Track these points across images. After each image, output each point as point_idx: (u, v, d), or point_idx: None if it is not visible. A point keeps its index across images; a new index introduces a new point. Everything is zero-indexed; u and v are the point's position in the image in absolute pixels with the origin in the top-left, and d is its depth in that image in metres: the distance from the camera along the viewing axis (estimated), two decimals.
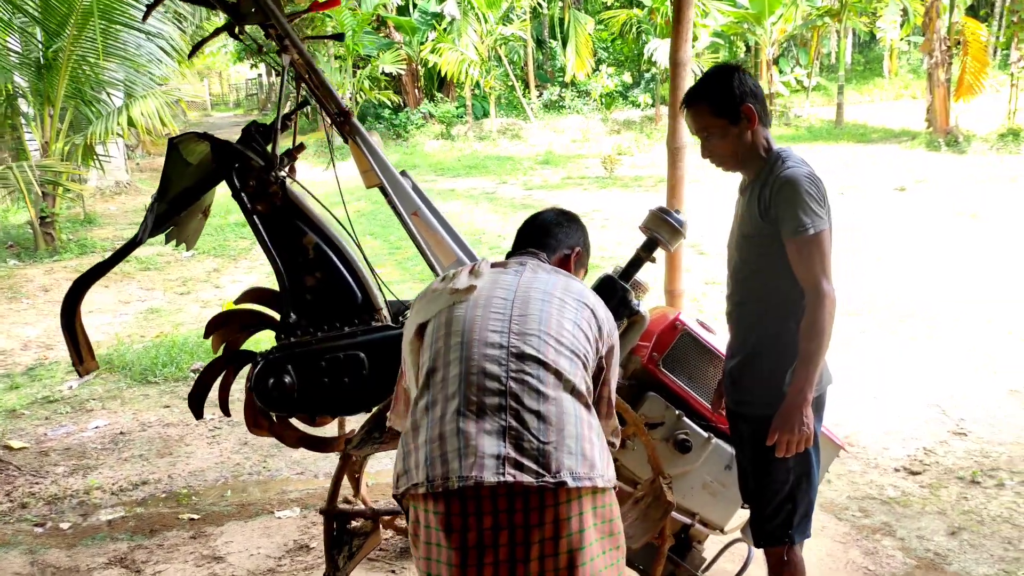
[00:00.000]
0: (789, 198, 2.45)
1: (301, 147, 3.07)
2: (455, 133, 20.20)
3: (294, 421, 2.88)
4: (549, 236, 2.30)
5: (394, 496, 1.86)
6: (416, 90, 22.09)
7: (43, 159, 10.05)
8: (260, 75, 36.75)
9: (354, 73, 18.45)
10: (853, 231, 9.64)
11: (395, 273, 9.09)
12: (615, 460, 3.02)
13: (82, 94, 10.24)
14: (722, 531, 3.17)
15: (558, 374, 1.84)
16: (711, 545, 3.24)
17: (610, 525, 1.85)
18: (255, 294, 2.84)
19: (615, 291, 2.98)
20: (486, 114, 21.35)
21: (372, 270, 2.97)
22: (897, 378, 5.59)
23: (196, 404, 2.76)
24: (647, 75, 22.72)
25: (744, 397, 2.72)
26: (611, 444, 2.21)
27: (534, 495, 1.71)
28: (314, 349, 2.63)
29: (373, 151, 2.90)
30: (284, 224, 2.65)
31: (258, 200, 2.62)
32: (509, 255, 2.28)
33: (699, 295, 7.70)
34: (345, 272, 2.69)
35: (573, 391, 1.85)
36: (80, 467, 4.96)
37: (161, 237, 3.05)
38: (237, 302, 2.83)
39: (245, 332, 2.96)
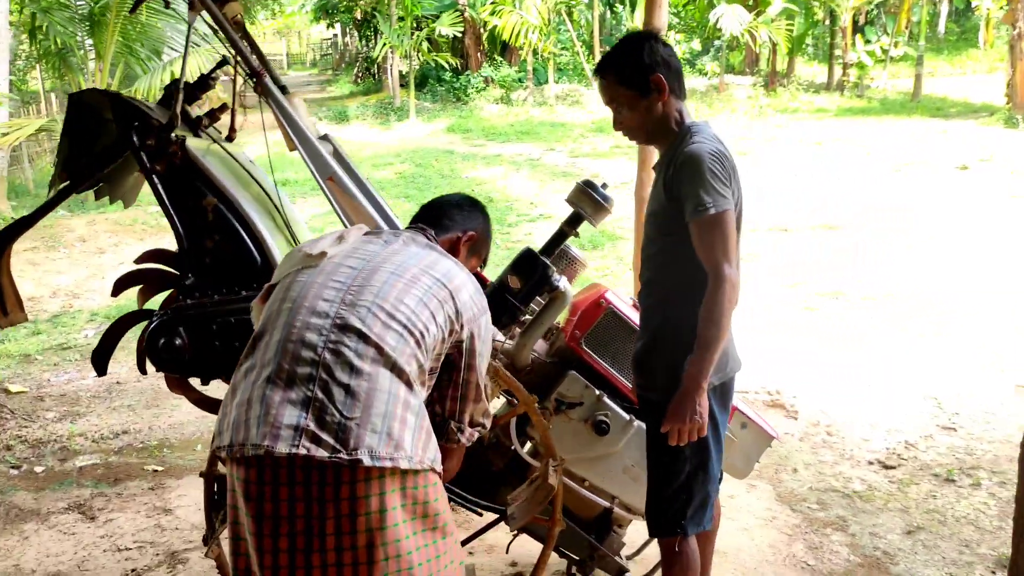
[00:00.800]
0: (690, 176, 2.32)
1: (224, 107, 3.06)
2: (514, 98, 20.01)
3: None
4: (444, 216, 2.25)
5: (214, 456, 1.86)
6: (479, 53, 21.93)
7: None
8: (335, 35, 37.15)
9: (412, 34, 18.40)
10: (897, 212, 9.23)
11: None
12: (531, 438, 2.99)
13: (132, 50, 10.47)
14: (643, 517, 3.08)
15: (379, 349, 1.77)
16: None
17: (424, 507, 1.79)
18: (154, 255, 2.84)
19: (536, 266, 2.90)
20: (555, 80, 21.13)
21: (292, 234, 2.95)
22: (898, 371, 5.31)
23: (99, 360, 2.79)
24: (717, 43, 22.08)
25: (645, 381, 2.63)
26: (481, 426, 2.17)
27: (330, 470, 1.66)
28: (207, 311, 2.63)
29: (287, 114, 2.87)
30: (183, 185, 2.63)
31: (157, 159, 2.60)
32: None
33: None
34: (245, 236, 2.67)
35: (394, 368, 1.78)
36: (70, 413, 5.13)
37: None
38: (137, 262, 2.83)
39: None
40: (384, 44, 18.89)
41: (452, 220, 2.26)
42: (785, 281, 7.15)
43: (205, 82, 2.96)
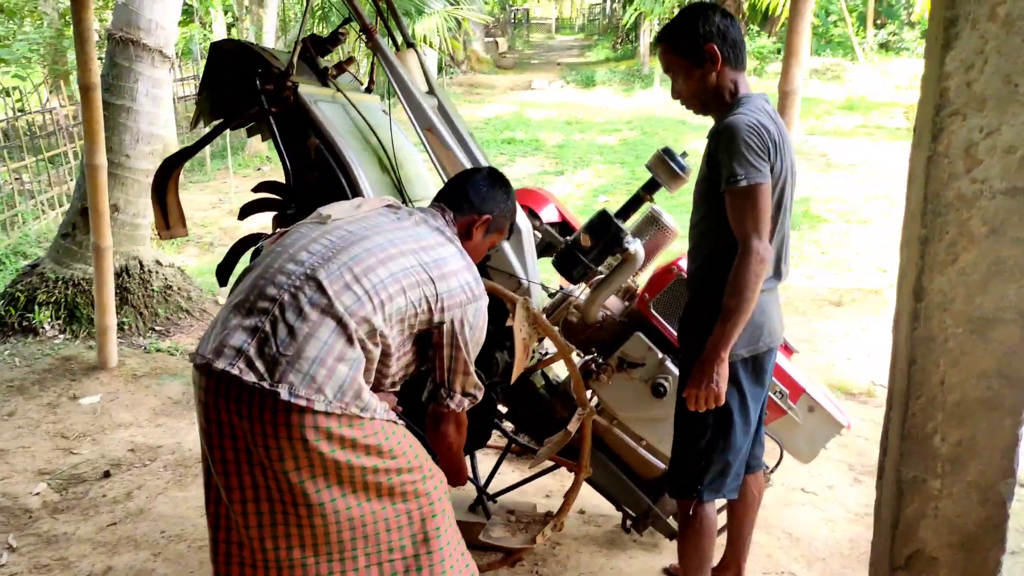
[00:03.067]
0: (726, 147, 2.35)
1: (351, 60, 3.39)
2: (768, 70, 19.20)
3: None
4: (465, 198, 2.38)
5: None
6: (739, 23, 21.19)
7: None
8: (604, 1, 37.47)
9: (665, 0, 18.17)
10: None
11: (623, 200, 9.19)
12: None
13: (380, 10, 11.32)
14: None
15: (330, 302, 1.95)
16: None
17: (351, 442, 1.94)
18: (268, 186, 3.23)
19: (609, 228, 3.02)
20: (816, 52, 20.00)
21: (398, 178, 3.22)
22: None
23: (222, 273, 3.25)
24: None
25: (681, 344, 2.67)
26: (471, 396, 2.26)
27: (257, 394, 1.87)
28: None
29: (394, 69, 3.12)
30: (293, 125, 2.99)
31: (273, 102, 2.97)
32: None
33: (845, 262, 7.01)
34: (339, 174, 2.98)
35: (340, 322, 1.94)
36: None
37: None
38: (254, 191, 3.24)
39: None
40: (635, 10, 18.85)
41: (471, 202, 2.38)
42: None
43: (334, 37, 3.31)
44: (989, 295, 1.29)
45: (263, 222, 3.48)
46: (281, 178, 3.16)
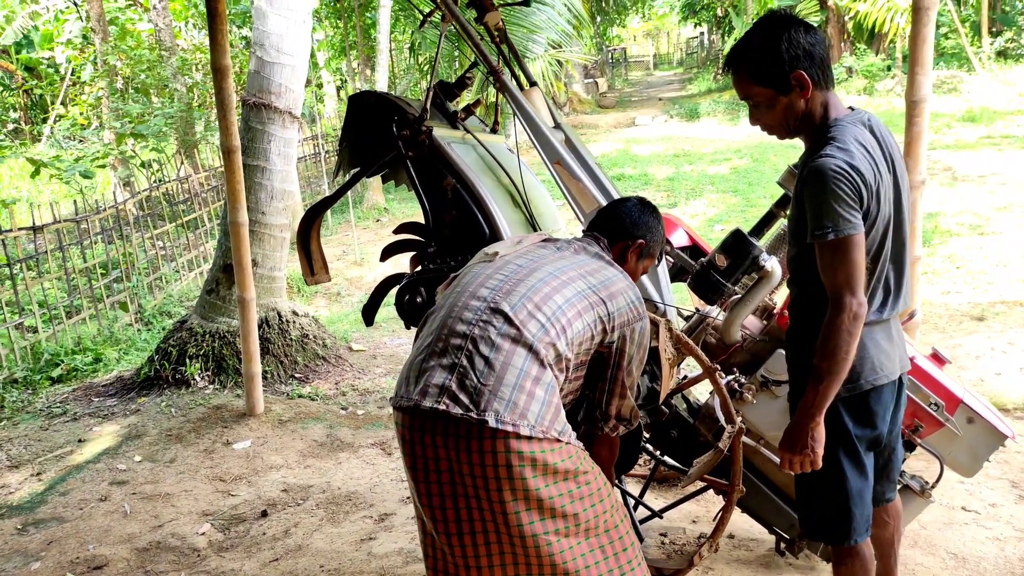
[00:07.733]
0: (812, 194, 2.13)
1: (477, 103, 3.51)
2: (879, 88, 18.68)
3: None
4: (619, 225, 2.51)
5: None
6: (842, 43, 20.77)
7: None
8: (702, 33, 37.33)
9: None
10: None
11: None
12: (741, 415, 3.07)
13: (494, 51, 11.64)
14: None
15: (520, 331, 2.05)
16: None
17: (553, 467, 1.99)
18: (408, 227, 3.36)
19: (744, 246, 3.03)
20: None
21: (531, 213, 3.31)
22: None
23: (368, 314, 3.39)
24: None
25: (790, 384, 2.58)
26: (626, 421, 2.34)
27: (463, 425, 1.95)
28: (443, 274, 3.09)
29: (521, 106, 3.23)
30: (429, 168, 3.12)
31: (410, 146, 3.11)
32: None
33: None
34: (476, 211, 3.08)
35: (530, 349, 2.03)
36: (394, 371, 6.03)
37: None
38: (395, 232, 3.37)
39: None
40: (735, 39, 18.70)
41: (624, 229, 2.50)
42: None
43: (462, 82, 3.45)
44: None
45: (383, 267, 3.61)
46: (397, 224, 3.30)
